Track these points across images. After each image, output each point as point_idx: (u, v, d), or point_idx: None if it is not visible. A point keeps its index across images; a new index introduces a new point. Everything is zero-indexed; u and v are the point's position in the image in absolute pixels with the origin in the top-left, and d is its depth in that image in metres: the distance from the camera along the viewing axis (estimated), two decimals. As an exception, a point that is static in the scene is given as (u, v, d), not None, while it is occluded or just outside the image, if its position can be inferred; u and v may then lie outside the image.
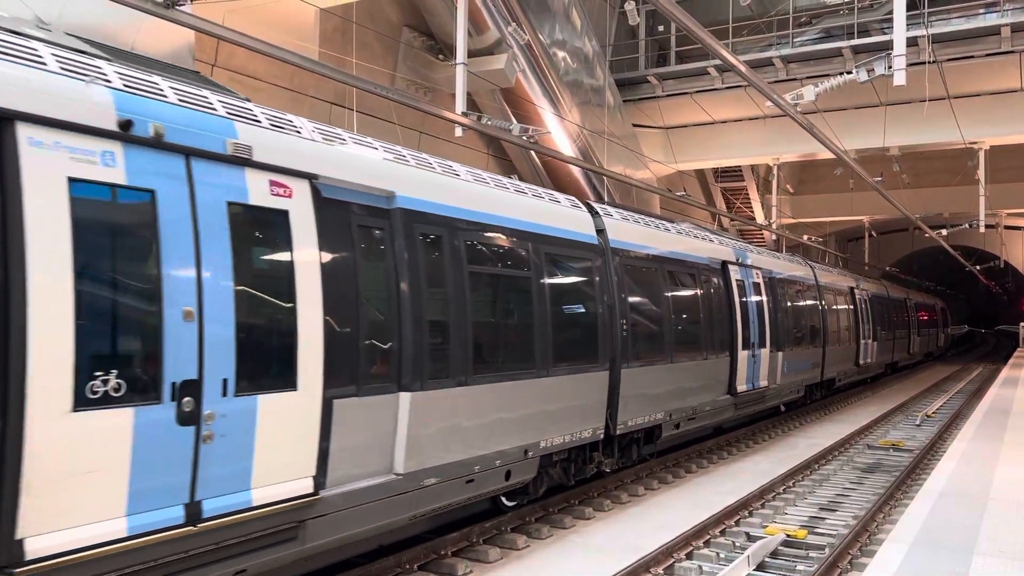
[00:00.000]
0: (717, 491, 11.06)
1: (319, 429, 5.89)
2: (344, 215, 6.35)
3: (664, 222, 12.53)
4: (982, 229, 24.76)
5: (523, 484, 8.80)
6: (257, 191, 5.58)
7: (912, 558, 6.18)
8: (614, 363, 10.02)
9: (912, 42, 16.09)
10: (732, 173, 28.90)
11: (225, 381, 5.21)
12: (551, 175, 18.68)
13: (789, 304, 16.98)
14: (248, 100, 6.14)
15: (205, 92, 5.69)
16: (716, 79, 21.47)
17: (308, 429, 5.81)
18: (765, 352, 14.99)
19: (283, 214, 5.73)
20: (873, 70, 10.40)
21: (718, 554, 8.30)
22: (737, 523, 9.52)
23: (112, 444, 4.63)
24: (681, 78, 22.26)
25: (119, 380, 4.66)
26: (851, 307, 22.86)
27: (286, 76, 13.63)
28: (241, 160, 5.51)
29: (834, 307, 20.95)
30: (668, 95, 22.44)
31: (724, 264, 13.56)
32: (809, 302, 18.73)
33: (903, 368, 34.22)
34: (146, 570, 4.87)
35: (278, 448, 5.59)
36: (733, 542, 8.69)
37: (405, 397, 6.75)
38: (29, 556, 4.29)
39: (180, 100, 5.35)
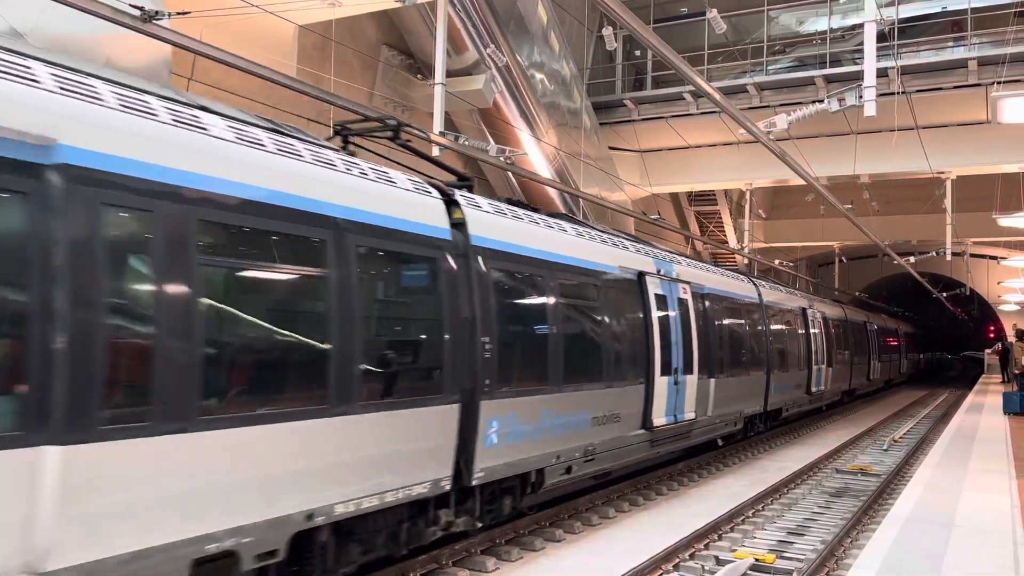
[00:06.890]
0: (688, 513, 11.08)
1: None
2: None
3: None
4: (948, 257, 25.25)
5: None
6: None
7: (879, 584, 6.22)
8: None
9: (882, 73, 16.38)
10: (706, 197, 29.22)
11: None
12: (528, 195, 18.77)
13: (723, 324, 14.77)
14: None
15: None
16: (691, 104, 21.75)
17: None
18: (692, 379, 12.99)
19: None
20: (844, 100, 10.61)
21: (687, 578, 8.31)
22: (707, 546, 9.53)
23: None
24: (657, 102, 22.52)
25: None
26: (802, 330, 20.89)
27: (263, 91, 13.59)
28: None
29: (782, 329, 18.75)
30: (644, 119, 22.69)
31: (641, 275, 11.43)
32: (750, 323, 16.37)
33: (862, 396, 32.32)
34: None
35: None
36: (703, 566, 8.70)
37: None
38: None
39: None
